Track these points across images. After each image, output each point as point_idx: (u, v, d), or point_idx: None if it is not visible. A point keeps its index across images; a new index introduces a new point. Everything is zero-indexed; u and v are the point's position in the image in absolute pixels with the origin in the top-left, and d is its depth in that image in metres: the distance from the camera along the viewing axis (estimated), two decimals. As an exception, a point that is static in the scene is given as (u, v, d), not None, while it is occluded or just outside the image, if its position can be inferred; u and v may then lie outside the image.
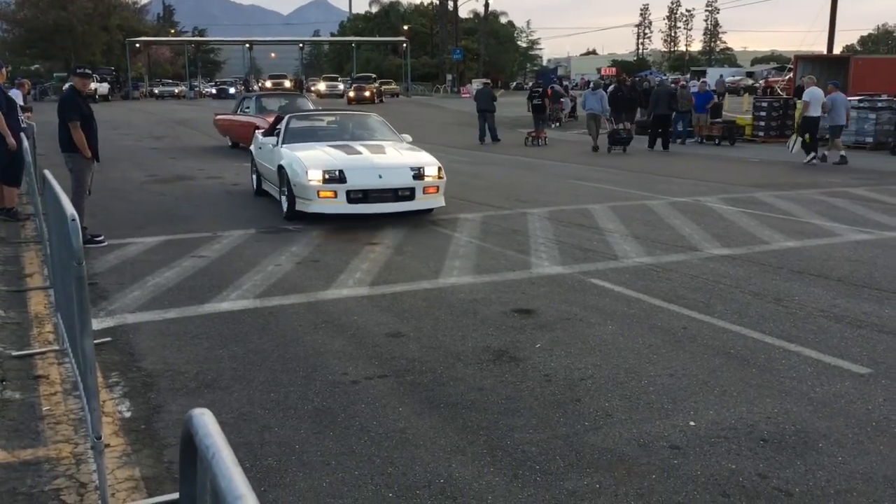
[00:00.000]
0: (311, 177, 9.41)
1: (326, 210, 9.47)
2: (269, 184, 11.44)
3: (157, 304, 6.35)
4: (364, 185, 9.54)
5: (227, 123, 21.13)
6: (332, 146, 10.39)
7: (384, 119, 12.29)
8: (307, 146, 10.42)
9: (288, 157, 10.06)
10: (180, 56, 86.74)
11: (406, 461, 3.74)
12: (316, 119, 12.51)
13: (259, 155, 11.86)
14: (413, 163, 10.06)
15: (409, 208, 9.79)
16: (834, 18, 45.34)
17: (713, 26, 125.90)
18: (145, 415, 4.28)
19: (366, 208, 9.60)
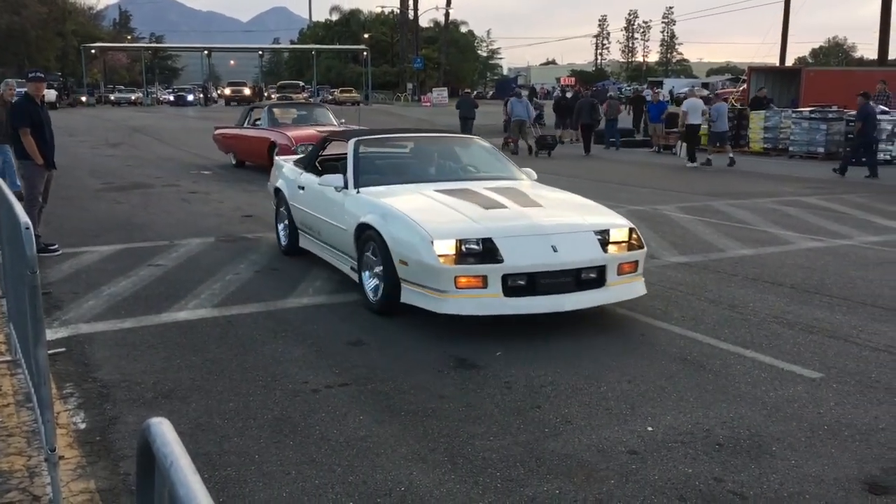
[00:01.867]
0: (439, 250, 5.56)
1: (469, 310, 5.56)
2: (324, 246, 7.56)
3: (113, 314, 6.25)
4: (530, 264, 5.64)
5: (232, 139, 18.15)
6: (445, 191, 6.63)
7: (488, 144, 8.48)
8: (402, 191, 6.81)
9: (379, 210, 6.28)
10: (137, 62, 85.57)
11: (367, 469, 3.73)
12: (394, 144, 8.38)
13: (298, 196, 8.04)
14: (595, 222, 6.18)
15: (599, 302, 5.96)
16: (786, 31, 46.44)
17: (670, 38, 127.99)
18: (101, 426, 4.21)
19: (534, 305, 5.65)
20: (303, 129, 15.83)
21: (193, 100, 66.17)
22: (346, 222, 6.74)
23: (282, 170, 8.99)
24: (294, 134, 15.27)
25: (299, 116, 17.66)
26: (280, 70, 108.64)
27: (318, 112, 18.08)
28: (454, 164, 7.97)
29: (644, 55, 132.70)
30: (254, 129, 17.22)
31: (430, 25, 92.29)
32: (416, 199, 6.50)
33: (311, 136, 14.63)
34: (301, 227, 8.13)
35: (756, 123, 22.85)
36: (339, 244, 7.08)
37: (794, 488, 3.55)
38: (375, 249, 6.18)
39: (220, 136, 18.96)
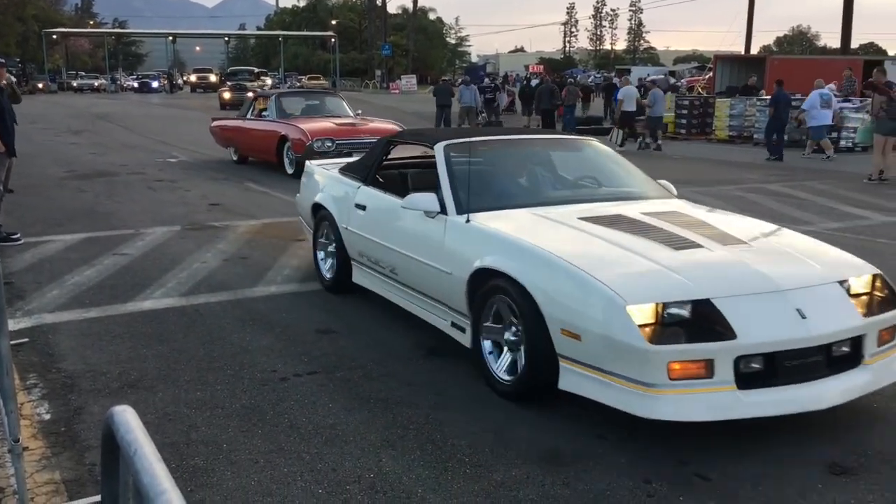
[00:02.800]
0: (639, 318, 3.76)
1: (696, 414, 3.72)
2: (402, 288, 5.61)
3: (77, 304, 6.17)
4: (772, 339, 3.82)
5: (234, 132, 16.08)
6: (592, 219, 4.80)
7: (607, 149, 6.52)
8: (529, 218, 4.92)
9: (513, 250, 4.46)
10: (100, 48, 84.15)
11: (336, 457, 3.73)
12: (494, 150, 6.02)
13: (356, 219, 6.08)
14: (833, 269, 4.36)
15: (862, 390, 4.07)
16: (751, 20, 46.93)
17: (637, 26, 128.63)
18: (65, 417, 4.17)
19: (783, 402, 3.82)
20: (317, 122, 14.15)
21: (158, 86, 65.26)
22: (448, 262, 4.81)
23: (322, 180, 6.94)
24: (309, 127, 13.58)
25: (310, 106, 15.79)
26: (247, 56, 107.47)
27: (331, 101, 16.24)
28: (574, 175, 6.00)
29: (612, 43, 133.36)
30: (260, 121, 15.25)
31: (398, 12, 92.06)
32: (561, 234, 4.58)
33: (328, 130, 13.56)
34: (359, 258, 6.13)
35: (721, 111, 23.09)
36: (432, 290, 5.08)
37: (757, 469, 3.62)
38: (509, 309, 4.31)
39: (219, 128, 16.90)
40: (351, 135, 13.51)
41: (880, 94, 13.96)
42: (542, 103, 23.79)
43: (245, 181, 13.57)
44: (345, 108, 15.71)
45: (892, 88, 14.29)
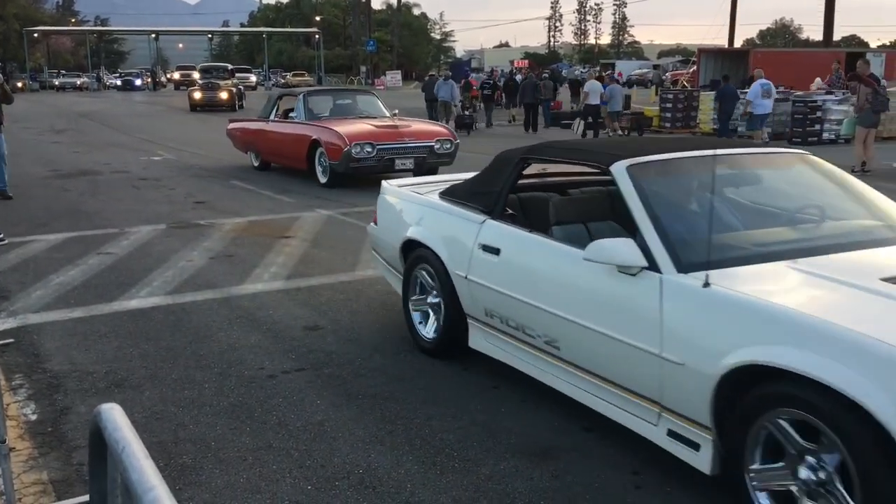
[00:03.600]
0: None
1: None
2: (567, 370, 4.01)
3: (63, 304, 6.14)
4: None
5: (256, 135, 14.42)
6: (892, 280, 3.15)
7: None
8: (818, 285, 3.22)
9: (842, 347, 2.68)
10: (82, 46, 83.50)
11: (325, 453, 3.74)
12: (689, 168, 4.13)
13: (484, 265, 4.50)
14: None
15: None
16: (734, 13, 47.15)
17: (621, 20, 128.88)
18: (52, 417, 4.15)
19: None
20: (352, 123, 12.56)
21: (141, 84, 64.83)
22: (674, 346, 3.23)
23: (415, 209, 5.27)
24: (346, 130, 11.96)
25: (341, 106, 13.96)
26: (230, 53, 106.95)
27: (364, 100, 14.42)
28: (795, 204, 4.26)
29: (596, 37, 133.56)
30: (286, 124, 13.70)
31: (382, 8, 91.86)
32: (878, 309, 2.99)
33: (367, 133, 11.96)
34: (484, 318, 4.58)
35: (706, 105, 23.17)
36: (632, 379, 3.55)
37: (743, 460, 3.64)
38: (807, 435, 2.82)
39: (238, 130, 15.28)
40: (393, 138, 12.05)
41: (866, 85, 14.05)
42: (526, 97, 24.44)
43: (230, 179, 13.51)
44: (380, 108, 14.02)
45: (876, 81, 14.39)
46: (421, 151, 12.12)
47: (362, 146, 11.59)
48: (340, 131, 11.86)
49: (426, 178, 6.59)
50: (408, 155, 11.96)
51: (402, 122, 13.02)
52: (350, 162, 11.52)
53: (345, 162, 11.54)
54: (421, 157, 12.07)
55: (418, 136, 12.24)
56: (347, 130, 11.93)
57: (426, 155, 12.13)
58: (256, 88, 61.37)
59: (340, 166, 11.68)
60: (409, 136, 12.17)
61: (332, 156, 11.82)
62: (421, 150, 12.12)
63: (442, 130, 12.71)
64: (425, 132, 12.53)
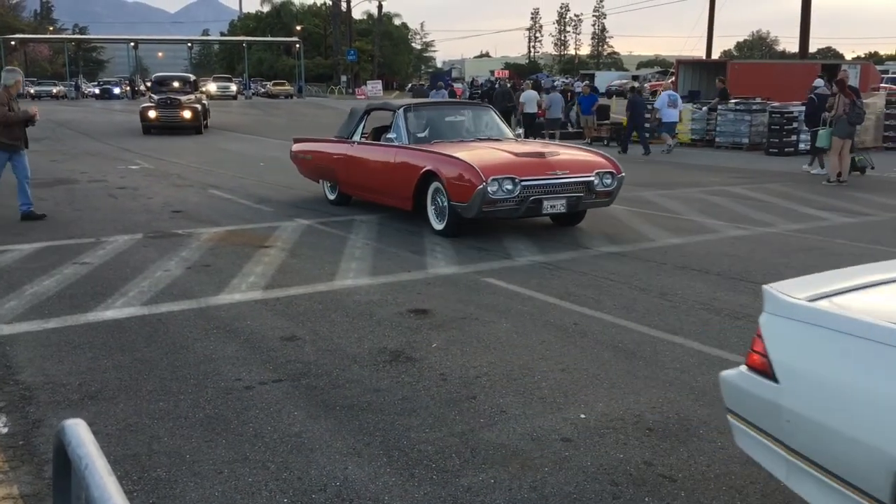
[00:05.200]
0: None
1: None
2: None
3: (36, 314, 6.05)
4: None
5: (334, 160, 11.23)
6: None
7: None
8: None
9: None
10: (60, 55, 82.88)
11: (301, 465, 3.70)
12: None
13: None
14: None
15: None
16: (712, 25, 47.63)
17: (601, 31, 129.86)
18: (24, 430, 4.08)
19: None
20: (481, 150, 9.45)
21: (120, 93, 64.40)
22: None
23: None
24: (478, 160, 8.78)
25: (454, 125, 10.70)
26: (211, 62, 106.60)
27: (481, 117, 11.05)
28: None
29: (576, 48, 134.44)
30: (381, 148, 10.40)
31: (363, 17, 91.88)
32: None
33: (507, 165, 8.76)
34: None
35: (684, 116, 23.34)
36: None
37: (720, 469, 3.65)
38: None
39: (310, 153, 12.12)
40: (540, 171, 8.80)
41: (846, 96, 14.20)
42: (497, 105, 24.82)
43: (209, 188, 13.42)
44: (500, 127, 10.93)
45: (856, 93, 14.55)
46: (576, 188, 8.95)
47: (501, 183, 8.42)
48: (471, 161, 8.68)
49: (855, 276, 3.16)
50: (559, 194, 8.85)
51: (546, 149, 9.82)
52: (484, 204, 8.42)
53: (476, 204, 8.41)
54: (575, 198, 8.96)
55: (572, 168, 9.04)
56: (480, 160, 8.75)
57: (582, 194, 8.99)
58: (237, 98, 61.16)
59: (470, 209, 8.55)
60: (561, 168, 8.94)
61: (458, 195, 8.62)
62: (576, 188, 8.95)
63: (601, 160, 9.36)
64: (580, 162, 9.31)
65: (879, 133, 21.14)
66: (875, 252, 8.34)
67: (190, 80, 29.87)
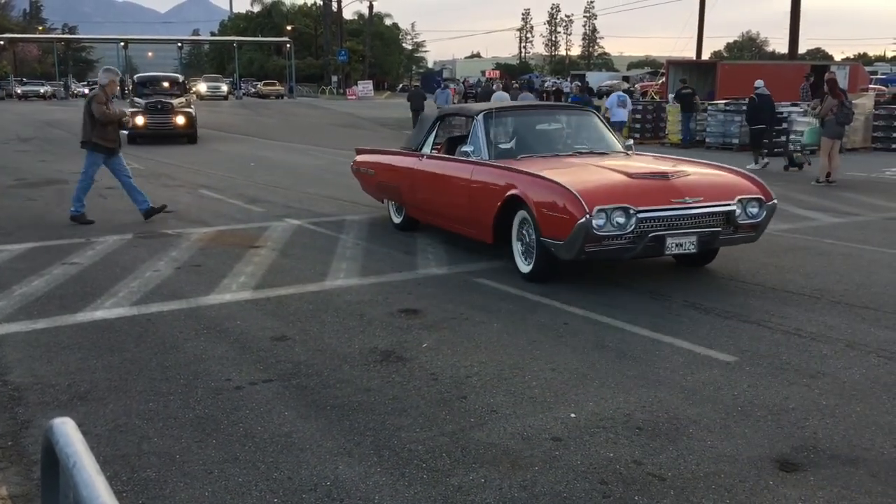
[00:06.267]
0: None
1: None
2: None
3: (25, 315, 6.03)
4: None
5: (400, 176, 9.28)
6: None
7: None
8: None
9: None
10: (49, 54, 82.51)
11: (292, 465, 3.70)
12: None
13: None
14: None
15: None
16: (702, 26, 47.75)
17: (591, 32, 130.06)
18: (12, 430, 4.06)
19: None
20: (583, 170, 7.31)
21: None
22: None
23: None
24: (579, 182, 6.71)
25: (548, 135, 8.65)
26: (201, 62, 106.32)
27: (581, 124, 8.94)
28: None
29: (567, 49, 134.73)
30: (455, 163, 8.28)
31: (354, 18, 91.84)
32: None
33: (617, 190, 6.65)
34: None
35: (674, 116, 23.43)
36: None
37: (709, 468, 3.67)
38: None
39: (372, 167, 10.07)
40: (663, 198, 6.63)
41: (834, 96, 14.27)
42: None
43: (199, 188, 13.39)
44: (606, 137, 8.64)
45: (844, 94, 14.63)
46: (711, 221, 6.74)
47: (611, 214, 6.36)
48: (569, 184, 6.58)
49: None
50: (689, 228, 6.65)
51: (668, 166, 7.53)
52: (587, 241, 6.36)
53: (577, 242, 6.37)
54: (709, 233, 6.75)
55: (707, 194, 6.80)
56: (581, 183, 6.68)
57: (719, 228, 6.79)
58: (228, 98, 61.00)
59: (568, 248, 6.49)
60: (692, 193, 6.70)
61: (551, 229, 6.61)
62: (712, 220, 6.74)
63: (745, 183, 7.20)
64: (718, 186, 7.08)
65: (868, 134, 21.27)
66: (863, 252, 8.40)
67: (179, 80, 26.29)
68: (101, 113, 9.69)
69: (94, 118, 9.73)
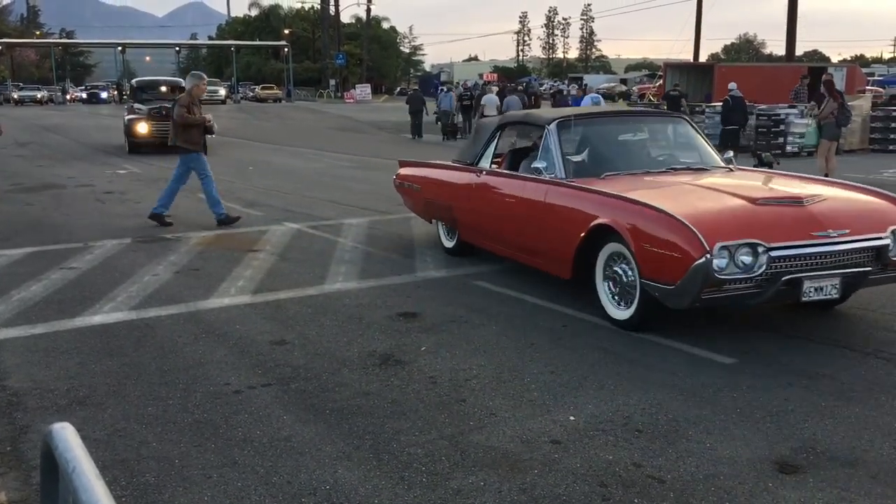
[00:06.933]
0: None
1: None
2: None
3: (24, 319, 6.02)
4: None
5: (454, 194, 7.96)
6: None
7: None
8: None
9: None
10: (47, 59, 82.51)
11: (291, 469, 3.69)
12: None
13: None
14: None
15: None
16: (699, 28, 47.85)
17: (588, 34, 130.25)
18: (11, 436, 4.06)
19: None
20: (690, 190, 6.09)
21: (107, 97, 64.18)
22: None
23: None
24: (694, 211, 5.37)
25: (632, 147, 7.26)
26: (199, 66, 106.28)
27: (673, 133, 7.59)
28: None
29: (564, 52, 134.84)
30: (521, 181, 7.04)
31: (351, 21, 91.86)
32: None
33: (740, 221, 5.35)
34: None
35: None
36: None
37: (709, 470, 3.67)
38: None
39: (418, 182, 8.84)
40: (800, 231, 5.31)
41: (833, 98, 14.30)
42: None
43: (198, 192, 13.35)
44: (704, 148, 7.19)
45: (840, 96, 14.65)
46: (859, 259, 5.38)
47: (735, 252, 5.09)
48: (682, 214, 5.26)
49: None
50: (832, 269, 5.30)
51: (796, 187, 6.16)
52: (706, 284, 5.07)
53: (693, 286, 5.08)
54: (855, 274, 5.37)
55: (853, 225, 5.42)
56: (695, 212, 5.38)
57: (869, 266, 5.40)
58: (226, 102, 61.01)
59: (682, 295, 5.17)
60: (835, 224, 5.36)
61: (658, 269, 5.32)
62: (859, 258, 5.38)
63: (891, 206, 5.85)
64: (864, 214, 5.71)
65: (865, 135, 21.31)
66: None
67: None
68: (180, 116, 9.87)
69: None
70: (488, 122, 8.53)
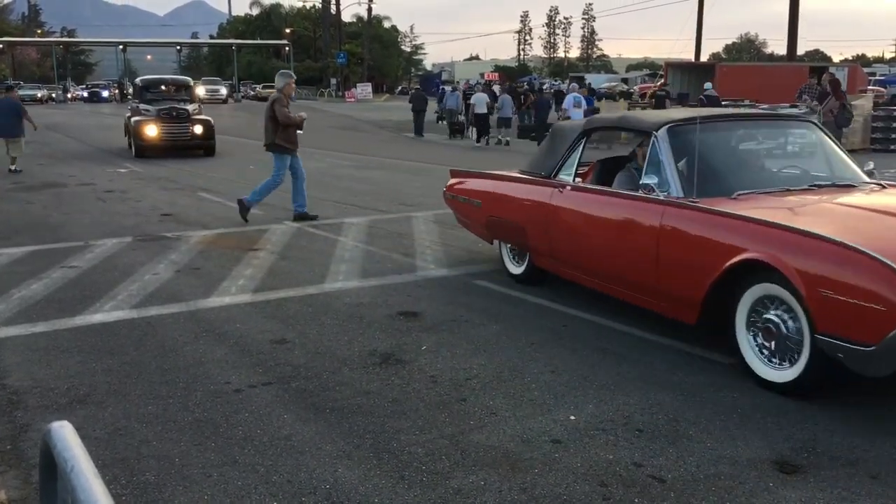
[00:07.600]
0: None
1: None
2: None
3: (24, 318, 6.02)
4: None
5: (528, 213, 6.64)
6: None
7: None
8: None
9: None
10: (48, 58, 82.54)
11: (291, 468, 3.69)
12: None
13: None
14: None
15: None
16: (700, 28, 47.84)
17: (590, 34, 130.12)
18: (11, 434, 4.06)
19: None
20: (853, 213, 4.91)
21: (109, 96, 64.19)
22: None
23: None
24: (889, 248, 4.03)
25: (764, 159, 6.16)
26: (200, 65, 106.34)
27: (803, 139, 6.40)
28: None
29: (565, 51, 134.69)
30: (621, 200, 5.76)
31: (352, 20, 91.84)
32: None
33: None
34: None
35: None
36: None
37: (709, 470, 3.66)
38: None
39: (478, 196, 7.51)
40: None
41: (837, 98, 14.29)
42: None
43: (198, 191, 13.38)
44: (846, 162, 6.06)
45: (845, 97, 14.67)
46: None
47: None
48: (876, 251, 4.01)
49: None
50: None
51: None
52: None
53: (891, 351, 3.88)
54: None
55: None
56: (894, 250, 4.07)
57: None
58: (227, 101, 60.98)
59: (887, 359, 3.93)
60: None
61: (847, 325, 4.06)
62: None
63: None
64: None
65: (867, 135, 21.28)
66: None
67: (189, 84, 22.41)
68: (285, 116, 9.91)
69: (277, 121, 9.91)
70: (569, 127, 6.98)
